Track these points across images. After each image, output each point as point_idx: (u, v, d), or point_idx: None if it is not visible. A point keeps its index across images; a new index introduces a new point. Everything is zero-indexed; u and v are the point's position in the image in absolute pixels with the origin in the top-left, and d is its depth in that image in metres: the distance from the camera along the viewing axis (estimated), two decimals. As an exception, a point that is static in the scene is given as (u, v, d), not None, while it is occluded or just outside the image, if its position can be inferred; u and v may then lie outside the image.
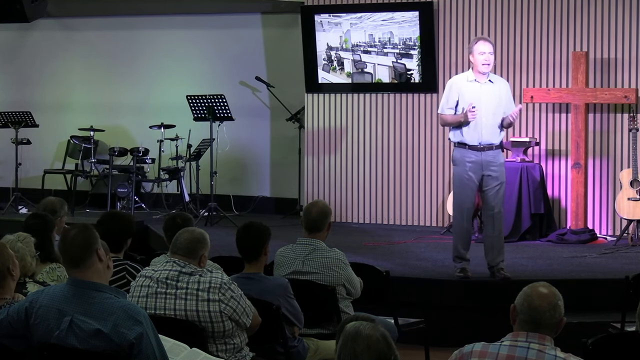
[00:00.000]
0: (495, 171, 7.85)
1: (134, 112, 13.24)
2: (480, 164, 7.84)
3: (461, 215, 8.00)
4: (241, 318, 4.93)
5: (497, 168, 7.86)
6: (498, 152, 7.91)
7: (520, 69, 10.68)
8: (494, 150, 7.87)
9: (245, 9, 12.76)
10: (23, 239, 5.22)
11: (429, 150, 11.16)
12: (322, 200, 9.78)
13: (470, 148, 7.85)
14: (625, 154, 10.25)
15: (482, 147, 7.83)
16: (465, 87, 7.89)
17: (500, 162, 7.91)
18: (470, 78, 7.90)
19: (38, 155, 13.41)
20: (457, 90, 7.92)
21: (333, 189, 11.60)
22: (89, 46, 13.57)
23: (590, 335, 4.60)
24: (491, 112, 7.83)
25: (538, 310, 3.72)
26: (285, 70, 12.40)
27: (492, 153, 7.85)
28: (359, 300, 6.08)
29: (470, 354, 3.78)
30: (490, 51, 7.83)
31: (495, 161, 7.86)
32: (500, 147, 7.95)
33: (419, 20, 10.99)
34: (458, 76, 8.18)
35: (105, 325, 3.97)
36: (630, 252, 9.45)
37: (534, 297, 3.74)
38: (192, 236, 5.02)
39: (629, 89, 10.15)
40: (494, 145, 7.86)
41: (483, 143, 7.83)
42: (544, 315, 3.72)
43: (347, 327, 3.27)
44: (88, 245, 4.12)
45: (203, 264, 5.04)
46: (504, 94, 7.94)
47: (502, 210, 7.98)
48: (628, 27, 10.31)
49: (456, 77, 8.14)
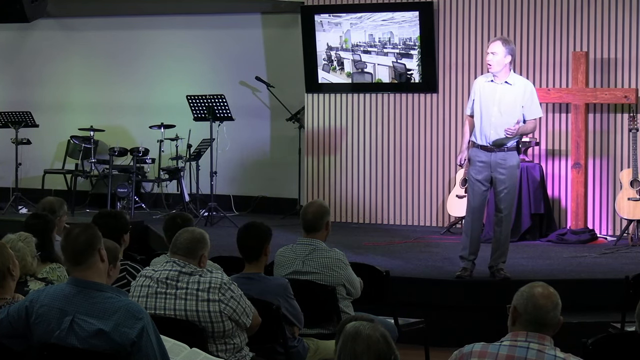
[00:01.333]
0: (503, 174, 7.78)
1: (134, 112, 13.24)
2: (489, 164, 7.80)
3: (468, 214, 8.01)
4: (241, 318, 4.94)
5: (506, 170, 7.78)
6: (510, 154, 7.79)
7: (520, 69, 10.67)
8: (506, 152, 7.77)
9: (245, 9, 12.76)
10: (24, 239, 5.23)
11: (429, 150, 11.16)
12: (319, 200, 9.80)
13: (481, 148, 7.83)
14: (625, 154, 10.25)
15: (492, 148, 7.78)
16: (483, 87, 7.88)
17: (511, 164, 7.79)
18: (489, 78, 7.88)
19: (38, 155, 13.41)
20: (477, 90, 7.92)
21: (333, 189, 11.60)
22: (89, 46, 13.57)
23: (590, 335, 4.60)
24: (501, 113, 7.75)
25: (543, 309, 3.73)
26: (285, 70, 12.40)
27: (503, 155, 7.77)
28: (359, 300, 6.08)
29: (470, 354, 3.79)
30: (492, 51, 7.76)
31: (505, 163, 7.78)
32: (514, 149, 7.81)
33: (419, 20, 10.99)
34: (482, 76, 8.14)
35: (107, 325, 3.98)
36: (630, 252, 9.45)
37: (539, 297, 3.75)
38: (192, 236, 5.02)
39: (629, 89, 10.15)
40: (505, 147, 7.77)
41: (492, 143, 7.78)
42: (549, 315, 3.74)
43: (347, 327, 3.27)
44: (90, 244, 4.13)
45: (203, 264, 5.04)
46: (520, 96, 7.79)
47: (511, 212, 7.94)
48: (628, 27, 10.31)
49: (480, 77, 8.12)
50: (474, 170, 7.86)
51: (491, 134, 7.77)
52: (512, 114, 7.76)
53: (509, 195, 7.85)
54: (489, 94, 7.81)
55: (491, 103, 7.78)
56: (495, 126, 7.76)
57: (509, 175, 7.81)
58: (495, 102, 7.78)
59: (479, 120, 7.85)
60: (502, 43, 7.78)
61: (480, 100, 7.85)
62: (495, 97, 7.79)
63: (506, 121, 7.73)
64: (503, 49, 7.74)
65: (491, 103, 7.78)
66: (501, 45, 7.75)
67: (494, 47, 7.78)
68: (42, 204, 6.84)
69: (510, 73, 7.86)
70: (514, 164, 7.83)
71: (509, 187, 7.82)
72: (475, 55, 10.88)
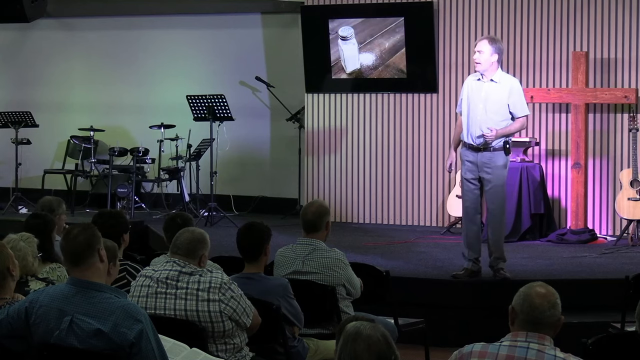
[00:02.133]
0: (489, 173, 7.81)
1: (134, 112, 13.23)
2: (477, 164, 7.84)
3: (463, 214, 8.06)
4: (241, 318, 4.93)
5: (492, 170, 7.80)
6: (496, 154, 7.80)
7: (520, 69, 10.68)
8: (492, 152, 7.80)
9: (245, 9, 12.75)
10: (26, 239, 5.23)
11: (429, 150, 11.16)
12: (319, 199, 9.80)
13: (469, 147, 7.87)
14: (625, 154, 10.25)
15: (478, 148, 7.82)
16: (472, 85, 7.94)
17: (498, 164, 7.81)
18: (477, 77, 7.95)
19: (38, 155, 13.41)
20: (466, 88, 7.99)
21: (333, 189, 11.60)
22: (89, 46, 13.57)
23: (590, 335, 4.60)
24: (486, 111, 7.80)
25: (539, 309, 3.73)
26: (285, 70, 12.40)
27: (489, 155, 7.80)
28: (359, 300, 6.08)
29: (470, 354, 3.79)
30: (479, 49, 7.83)
31: (491, 163, 7.80)
32: (501, 149, 7.81)
33: (418, 20, 10.98)
34: (471, 75, 8.23)
35: (106, 325, 3.98)
36: (630, 252, 9.45)
37: (534, 296, 3.75)
38: (192, 236, 5.02)
39: (629, 89, 10.15)
40: (491, 147, 7.79)
41: (476, 142, 7.82)
42: (545, 314, 3.73)
43: (347, 327, 3.27)
44: (90, 244, 4.12)
45: (203, 264, 5.04)
46: (505, 94, 7.84)
47: (500, 212, 7.93)
48: (628, 27, 10.31)
49: (470, 76, 8.20)
50: (464, 170, 7.94)
51: (477, 132, 7.82)
52: (497, 112, 7.81)
53: (497, 194, 7.86)
54: (476, 92, 7.88)
55: (477, 101, 7.85)
56: (480, 124, 7.80)
57: (496, 175, 7.82)
58: (481, 100, 7.84)
59: (466, 119, 7.90)
60: (489, 42, 7.87)
61: (468, 99, 7.91)
62: (482, 95, 7.85)
63: (491, 119, 7.77)
64: (490, 47, 7.82)
65: (477, 101, 7.85)
66: (488, 44, 7.83)
67: (480, 45, 7.85)
68: (40, 203, 6.85)
69: (498, 71, 7.91)
70: (501, 164, 7.83)
71: (496, 186, 7.83)
72: (475, 55, 10.88)
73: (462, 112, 7.99)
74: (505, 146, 7.83)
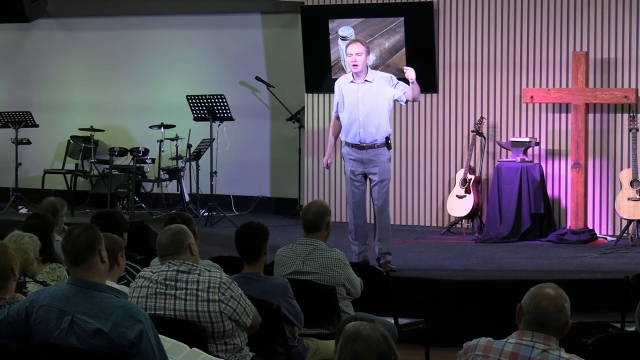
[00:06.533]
0: (375, 169, 8.14)
1: (134, 112, 13.24)
2: (362, 161, 8.17)
3: (351, 210, 8.37)
4: (241, 318, 4.93)
5: (378, 166, 8.14)
6: (380, 150, 8.15)
7: (520, 69, 10.68)
8: (376, 148, 8.13)
9: (245, 9, 12.76)
10: (30, 237, 5.24)
11: (429, 150, 11.16)
12: (320, 199, 9.83)
13: (353, 146, 8.17)
14: (625, 154, 10.25)
15: (362, 146, 8.13)
16: (345, 87, 8.24)
17: (383, 160, 8.17)
18: (350, 79, 8.21)
19: (38, 155, 13.41)
20: (339, 91, 8.26)
21: (333, 189, 11.60)
22: (89, 46, 13.57)
23: (590, 335, 4.60)
24: (368, 111, 8.08)
25: (544, 312, 3.73)
26: (285, 70, 12.40)
27: (374, 151, 8.13)
28: (359, 300, 6.08)
29: (475, 347, 3.82)
30: (357, 52, 8.05)
31: (376, 159, 8.14)
32: (384, 145, 8.14)
33: (418, 20, 10.98)
34: (342, 77, 8.47)
35: (106, 325, 3.98)
36: (630, 252, 9.45)
37: (541, 298, 3.75)
38: (172, 233, 5.01)
39: (629, 89, 10.15)
40: (375, 143, 8.10)
41: (363, 141, 8.12)
42: (550, 317, 3.73)
43: (347, 327, 3.27)
44: (91, 244, 4.13)
45: (194, 253, 5.03)
46: (382, 90, 8.11)
47: (386, 206, 8.25)
48: (628, 27, 10.31)
49: (340, 78, 8.45)
50: (348, 169, 8.24)
51: (361, 133, 8.11)
52: (377, 109, 8.12)
53: (383, 189, 8.20)
54: (353, 94, 8.15)
55: (356, 102, 8.11)
56: (363, 124, 8.12)
57: (381, 170, 8.18)
58: (360, 101, 8.10)
59: (346, 121, 8.20)
60: (363, 44, 8.15)
61: (345, 101, 8.19)
62: (359, 95, 8.12)
63: (374, 117, 8.08)
64: (365, 49, 8.12)
65: (356, 102, 8.11)
66: (363, 46, 8.12)
67: (357, 48, 8.08)
68: (43, 204, 6.82)
69: (369, 71, 8.21)
70: (385, 159, 8.21)
71: (382, 181, 8.18)
72: (475, 55, 10.88)
73: (339, 115, 8.27)
74: (387, 142, 8.19)
